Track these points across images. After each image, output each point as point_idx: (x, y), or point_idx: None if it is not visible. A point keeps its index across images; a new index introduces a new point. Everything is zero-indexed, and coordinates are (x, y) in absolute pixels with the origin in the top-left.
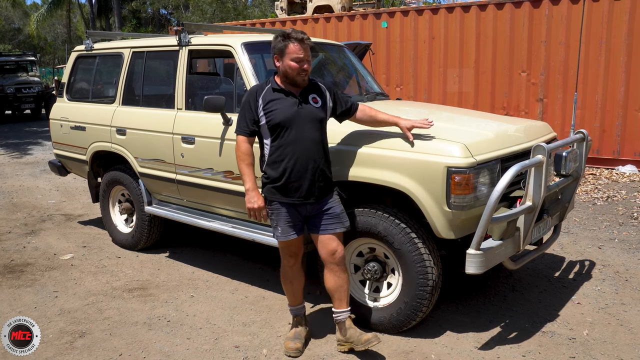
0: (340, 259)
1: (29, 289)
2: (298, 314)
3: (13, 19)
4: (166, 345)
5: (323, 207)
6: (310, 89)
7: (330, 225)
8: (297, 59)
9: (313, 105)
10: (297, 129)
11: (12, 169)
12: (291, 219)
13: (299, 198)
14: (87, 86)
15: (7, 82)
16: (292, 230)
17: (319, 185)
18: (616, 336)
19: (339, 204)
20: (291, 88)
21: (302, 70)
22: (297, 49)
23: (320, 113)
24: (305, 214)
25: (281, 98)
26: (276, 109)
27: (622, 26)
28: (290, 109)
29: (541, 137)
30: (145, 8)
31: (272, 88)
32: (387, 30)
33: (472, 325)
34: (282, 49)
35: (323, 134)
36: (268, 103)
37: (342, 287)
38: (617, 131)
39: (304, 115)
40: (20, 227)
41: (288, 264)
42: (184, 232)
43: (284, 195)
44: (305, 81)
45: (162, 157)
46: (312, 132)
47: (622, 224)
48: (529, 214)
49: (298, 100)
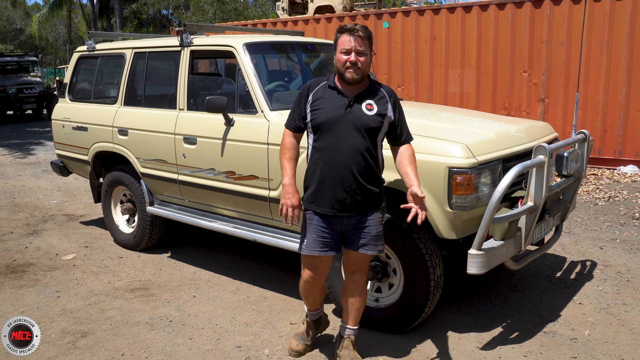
0: (361, 279)
1: (31, 289)
2: (312, 319)
3: (15, 20)
4: (168, 346)
5: (360, 223)
6: (370, 93)
7: (362, 245)
8: (344, 50)
9: (365, 111)
10: (339, 133)
11: (14, 169)
12: (322, 233)
13: (332, 209)
14: (89, 87)
15: (9, 82)
16: (320, 246)
17: (355, 199)
18: (618, 336)
19: (378, 224)
20: (346, 88)
21: (350, 63)
22: (345, 40)
23: (370, 121)
24: (341, 229)
25: (331, 97)
26: (322, 108)
27: (624, 26)
28: (337, 111)
29: (543, 137)
30: (146, 9)
31: (327, 85)
32: (388, 31)
33: (473, 325)
34: (335, 43)
35: (372, 144)
36: (317, 100)
37: (353, 305)
38: (619, 131)
39: (351, 119)
40: (22, 227)
41: (307, 279)
42: (185, 233)
43: (317, 204)
44: (356, 77)
45: (164, 157)
46: (357, 140)
47: (623, 224)
48: (530, 215)
49: (348, 102)
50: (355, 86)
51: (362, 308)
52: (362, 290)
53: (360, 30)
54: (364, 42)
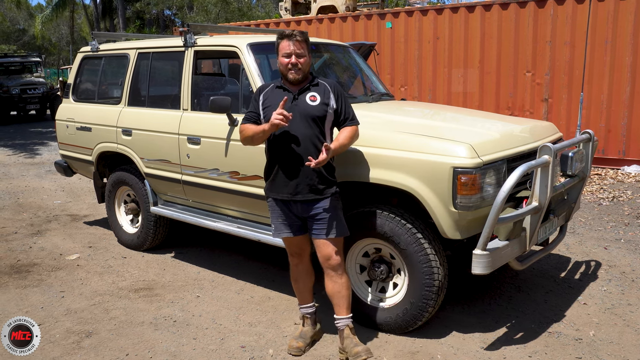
0: (335, 265)
1: (36, 289)
2: (305, 313)
3: (18, 20)
4: (172, 345)
5: (313, 210)
6: (313, 87)
7: (320, 230)
8: (285, 54)
9: (309, 102)
10: (289, 124)
11: (17, 170)
12: (284, 217)
13: (287, 194)
14: (93, 87)
15: (12, 83)
16: (287, 229)
17: (308, 184)
18: (623, 337)
19: (331, 209)
20: (290, 86)
21: (291, 65)
22: (285, 45)
23: (315, 111)
24: (298, 213)
25: (279, 95)
26: (270, 105)
27: (628, 26)
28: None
29: (547, 137)
30: (149, 9)
31: (275, 85)
32: (391, 31)
33: (478, 325)
34: (276, 48)
35: (320, 132)
36: (267, 99)
37: (339, 293)
38: (623, 131)
39: (297, 111)
40: (26, 227)
41: (292, 262)
42: (189, 233)
43: (275, 190)
44: (298, 77)
45: (167, 157)
46: (305, 129)
47: (628, 225)
48: (535, 215)
49: (294, 96)
50: (299, 84)
51: (348, 295)
52: (341, 277)
53: (298, 35)
54: (302, 45)
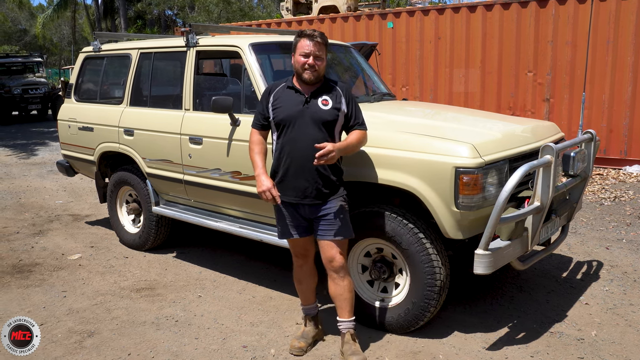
0: (338, 267)
1: (38, 289)
2: (308, 313)
3: (19, 21)
4: (174, 345)
5: (321, 211)
6: (325, 90)
7: (326, 232)
8: (304, 53)
9: (321, 106)
10: (298, 127)
11: (19, 170)
12: (291, 219)
13: (295, 197)
14: (95, 87)
15: (14, 83)
16: (293, 230)
17: (316, 187)
18: (625, 337)
19: (339, 210)
20: (303, 87)
21: (308, 66)
22: (304, 44)
23: (326, 115)
24: (305, 215)
25: (290, 95)
26: (281, 106)
27: (630, 26)
28: (295, 107)
29: (549, 137)
30: (151, 9)
31: (286, 86)
32: (393, 31)
33: (479, 325)
34: (295, 45)
35: (330, 135)
36: (277, 100)
37: (341, 296)
38: (624, 131)
39: (308, 114)
40: (28, 227)
41: (296, 263)
42: (191, 233)
43: (283, 193)
44: (312, 79)
45: (169, 157)
46: (315, 133)
47: (629, 224)
48: (537, 215)
49: (306, 99)
50: (312, 85)
51: (351, 298)
52: (343, 280)
53: (319, 37)
54: (322, 48)
